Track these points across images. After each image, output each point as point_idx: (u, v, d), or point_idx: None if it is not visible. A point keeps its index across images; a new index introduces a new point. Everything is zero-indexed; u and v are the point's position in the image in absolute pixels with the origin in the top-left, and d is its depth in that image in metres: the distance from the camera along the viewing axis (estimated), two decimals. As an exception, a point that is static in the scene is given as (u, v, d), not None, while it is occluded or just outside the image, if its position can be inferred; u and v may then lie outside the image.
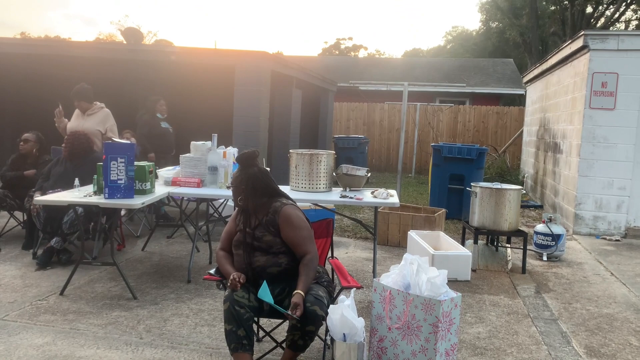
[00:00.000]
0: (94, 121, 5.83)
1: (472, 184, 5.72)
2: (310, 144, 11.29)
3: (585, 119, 7.28)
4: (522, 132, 13.54)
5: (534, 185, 10.99)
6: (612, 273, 5.52)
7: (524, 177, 12.10)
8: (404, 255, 2.88)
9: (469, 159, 7.72)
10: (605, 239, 7.14)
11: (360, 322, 2.65)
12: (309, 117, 11.76)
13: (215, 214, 6.43)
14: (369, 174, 5.00)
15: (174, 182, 4.88)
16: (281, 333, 3.50)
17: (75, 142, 5.26)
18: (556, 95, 9.31)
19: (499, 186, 5.57)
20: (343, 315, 2.59)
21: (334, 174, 4.92)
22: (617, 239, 7.14)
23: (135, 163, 4.31)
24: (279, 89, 9.30)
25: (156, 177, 4.96)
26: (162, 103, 7.37)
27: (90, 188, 4.54)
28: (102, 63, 8.73)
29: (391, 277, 2.88)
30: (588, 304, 4.56)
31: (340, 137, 12.31)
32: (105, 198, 4.16)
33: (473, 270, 5.25)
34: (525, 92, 13.47)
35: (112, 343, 3.44)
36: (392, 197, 4.63)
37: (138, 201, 4.19)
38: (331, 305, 2.68)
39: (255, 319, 3.11)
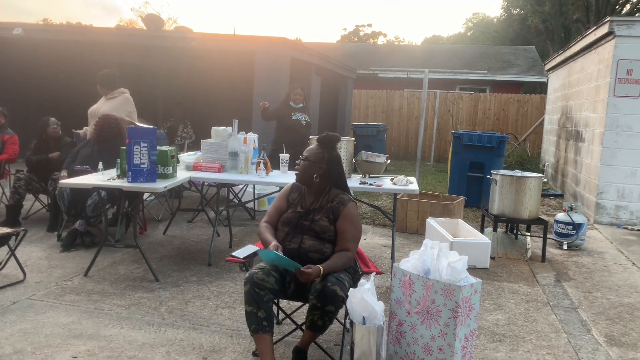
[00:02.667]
0: (111, 106, 5.85)
1: (492, 171, 5.69)
2: (329, 132, 11.30)
3: (609, 107, 7.16)
4: (543, 120, 13.37)
5: (554, 174, 10.87)
6: (633, 263, 5.46)
7: (544, 165, 11.96)
8: (424, 241, 2.89)
9: (489, 146, 7.65)
10: (627, 228, 7.05)
11: (380, 306, 2.67)
12: (328, 105, 11.75)
13: (235, 199, 6.49)
14: (389, 161, 5.00)
15: (195, 167, 4.94)
16: (301, 316, 3.55)
17: (104, 125, 5.33)
18: (579, 83, 9.16)
19: (519, 174, 5.53)
20: (363, 298, 2.62)
21: (353, 160, 4.93)
22: (639, 229, 7.04)
23: (158, 147, 4.37)
24: (298, 76, 9.30)
25: (178, 161, 5.02)
26: (297, 92, 6.80)
27: (114, 172, 4.61)
28: (123, 49, 8.82)
29: (411, 262, 2.90)
30: (609, 293, 4.53)
31: (359, 124, 12.27)
32: (128, 182, 4.23)
33: (492, 258, 5.23)
34: (547, 79, 13.27)
35: (135, 323, 3.52)
36: (411, 184, 4.63)
37: (160, 185, 4.25)
38: (351, 289, 2.71)
39: (276, 301, 3.17)
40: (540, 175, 5.59)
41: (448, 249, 2.83)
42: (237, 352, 3.17)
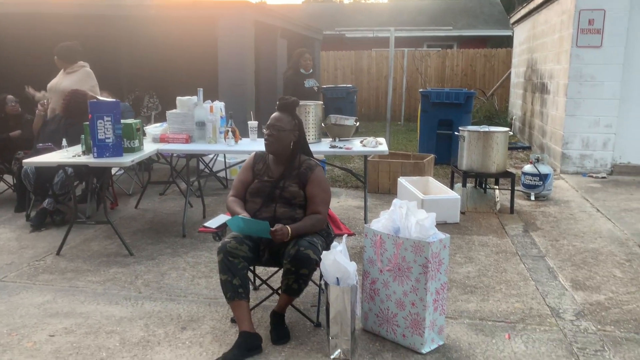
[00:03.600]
0: (72, 80, 5.65)
1: (460, 127, 5.75)
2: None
3: (573, 58, 7.25)
4: (509, 74, 13.48)
5: (521, 126, 11.05)
6: (598, 209, 5.64)
7: (512, 119, 12.14)
8: (393, 201, 2.93)
9: (457, 103, 7.72)
10: (591, 176, 7.25)
11: (352, 266, 2.72)
12: (295, 68, 11.60)
13: (206, 170, 6.45)
14: (358, 123, 5.01)
15: (162, 139, 4.87)
16: (277, 281, 3.60)
17: (73, 99, 5.18)
18: (543, 35, 9.23)
19: (486, 129, 5.61)
20: (335, 260, 2.66)
21: (322, 124, 4.92)
22: (603, 176, 7.25)
23: (122, 121, 4.28)
24: (264, 40, 9.14)
25: (144, 134, 4.95)
26: (306, 57, 6.54)
27: (79, 148, 4.52)
28: (81, 20, 8.51)
29: (381, 222, 2.94)
30: (574, 240, 4.69)
31: (328, 87, 12.20)
32: (94, 157, 4.16)
33: (462, 213, 5.35)
34: (513, 33, 13.32)
35: (111, 298, 3.52)
36: (381, 145, 4.66)
37: (127, 159, 4.19)
38: (324, 252, 2.75)
39: (251, 268, 3.20)
40: (507, 129, 5.68)
41: (416, 208, 2.88)
42: (215, 320, 3.21)
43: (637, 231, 4.89)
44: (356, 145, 4.66)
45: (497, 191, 5.90)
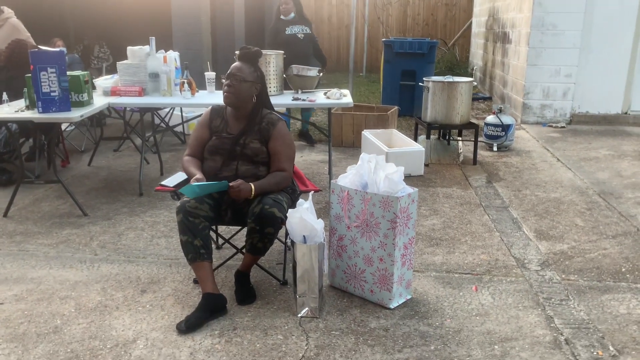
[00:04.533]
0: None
1: (424, 78, 5.64)
2: (258, 43, 10.81)
3: (535, 6, 7.16)
4: (471, 23, 13.37)
5: (483, 77, 11.04)
6: (558, 159, 5.71)
7: (473, 69, 12.11)
8: (361, 155, 2.82)
9: (420, 53, 7.58)
10: (551, 126, 7.32)
11: (319, 224, 2.63)
12: (253, 16, 11.16)
13: (162, 124, 6.18)
14: (321, 74, 4.83)
15: (113, 92, 4.58)
16: (241, 239, 3.49)
17: (16, 49, 4.79)
18: (506, -17, 9.09)
19: (450, 79, 5.52)
20: (302, 218, 2.56)
21: (284, 75, 4.72)
22: (563, 125, 7.34)
23: (69, 73, 3.98)
24: (219, -14, 8.70)
25: (94, 87, 4.64)
26: (282, 1, 5.88)
27: (23, 102, 4.20)
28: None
29: (348, 178, 2.84)
30: (537, 190, 4.73)
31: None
32: (39, 112, 3.87)
33: (426, 165, 5.31)
34: (474, -19, 13.12)
35: (65, 262, 3.34)
36: (345, 97, 4.51)
37: (76, 114, 3.92)
38: (290, 209, 2.64)
39: (213, 227, 3.07)
40: (471, 79, 5.60)
41: (384, 162, 2.79)
42: (177, 282, 3.09)
43: (596, 180, 4.97)
44: (320, 97, 4.50)
45: (460, 142, 5.88)
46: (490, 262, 3.34)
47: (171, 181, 3.03)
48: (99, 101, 4.35)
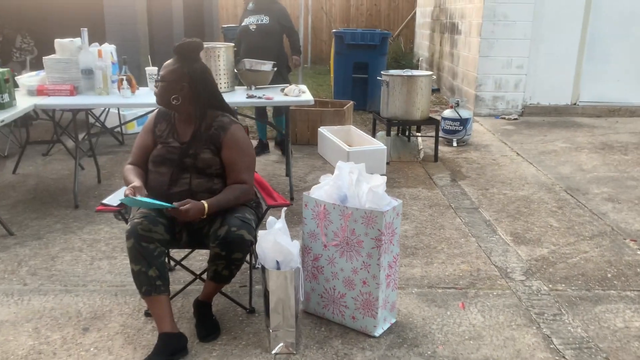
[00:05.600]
0: None
1: (382, 72, 5.36)
2: (197, 37, 10.22)
3: (487, -3, 7.04)
4: (415, 13, 13.27)
5: (429, 68, 10.92)
6: (518, 153, 5.59)
7: (418, 60, 12.00)
8: (338, 164, 2.48)
9: (373, 45, 7.30)
10: (504, 118, 7.26)
11: (295, 247, 2.28)
12: (191, 6, 10.55)
13: (97, 124, 5.59)
14: (275, 69, 4.44)
15: (40, 92, 4.01)
16: (196, 259, 3.10)
17: None
18: (453, -27, 8.96)
19: (409, 73, 5.27)
20: (276, 241, 2.20)
21: (235, 70, 4.31)
22: (515, 117, 7.29)
23: (-16, 70, 3.41)
24: (155, -27, 8.07)
25: (16, 86, 4.06)
26: None
27: None
28: None
29: (324, 190, 2.50)
30: (503, 187, 4.56)
31: (229, 26, 11.24)
32: (-50, 118, 3.29)
33: (387, 163, 5.04)
34: (417, -29, 13.01)
35: (-12, 296, 2.83)
36: (304, 93, 4.15)
37: (-5, 119, 3.36)
38: (260, 232, 2.27)
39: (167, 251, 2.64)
40: (430, 73, 5.39)
41: (365, 171, 2.46)
42: (125, 315, 2.65)
43: (559, 175, 4.87)
44: (277, 94, 4.12)
45: (419, 139, 5.66)
46: (472, 273, 3.10)
47: (114, 199, 2.58)
48: (23, 102, 3.78)
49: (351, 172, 2.37)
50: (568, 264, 3.21)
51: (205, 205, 2.29)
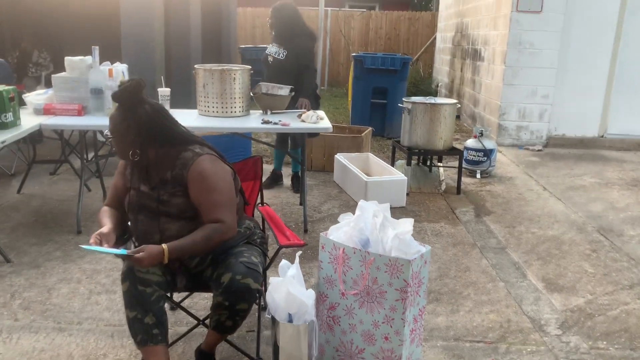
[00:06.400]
0: None
1: (404, 99, 5.14)
2: (214, 57, 10.12)
3: (512, 23, 6.83)
4: (435, 38, 13.11)
5: (448, 94, 10.71)
6: (544, 187, 5.31)
7: (437, 86, 11.81)
8: (360, 204, 2.24)
9: (393, 69, 7.10)
10: (528, 149, 6.99)
11: (310, 297, 2.03)
12: (209, 26, 10.47)
13: (106, 143, 5.41)
14: (293, 93, 4.24)
15: (46, 111, 3.84)
16: (198, 300, 2.86)
17: None
18: (476, -2, 8.79)
19: (433, 101, 5.04)
20: (289, 292, 1.96)
21: (251, 94, 4.11)
22: (540, 148, 7.01)
23: (-12, 88, 3.25)
24: (174, -9, 7.98)
25: (22, 104, 3.90)
26: (269, 13, 4.75)
27: None
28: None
29: (343, 231, 2.25)
30: (531, 225, 4.28)
31: (247, 47, 11.18)
32: (-51, 137, 3.11)
33: (407, 194, 4.79)
34: (438, -4, 12.90)
35: (-26, 332, 2.60)
36: (322, 120, 3.93)
37: (-4, 139, 3.17)
38: (272, 280, 2.03)
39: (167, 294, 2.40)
40: (455, 101, 5.16)
41: (389, 212, 2.22)
42: (121, 360, 2.41)
43: (590, 213, 4.58)
44: (294, 120, 3.90)
45: (441, 169, 5.41)
46: (502, 324, 2.82)
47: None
48: (29, 122, 3.60)
49: (375, 215, 2.12)
50: (608, 317, 2.92)
51: (165, 249, 1.99)
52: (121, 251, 1.99)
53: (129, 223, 2.27)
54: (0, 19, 9.18)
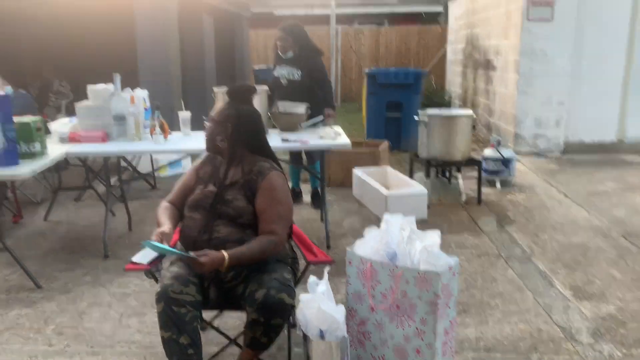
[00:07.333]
0: None
1: (419, 112, 5.17)
2: (228, 79, 10.26)
3: (524, 33, 6.85)
4: (445, 51, 13.15)
5: (462, 105, 10.71)
6: (565, 195, 5.27)
7: (450, 97, 11.82)
8: (385, 217, 2.26)
9: (407, 83, 7.15)
10: (546, 157, 6.96)
11: (341, 313, 2.05)
12: (223, 49, 10.64)
13: (129, 168, 5.51)
14: (310, 111, 4.30)
15: (71, 139, 3.93)
16: (230, 319, 2.88)
17: None
18: (486, 9, 8.83)
19: (448, 113, 5.07)
20: (320, 309, 1.98)
21: (268, 113, 4.17)
22: (557, 156, 6.98)
23: (16, 119, 3.34)
24: (188, 17, 8.15)
25: (48, 132, 4.00)
26: (278, 36, 4.70)
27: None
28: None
29: (369, 245, 2.28)
30: (555, 233, 4.25)
31: (260, 68, 11.33)
32: (-20, 168, 3.20)
33: (427, 207, 4.79)
34: (445, 8, 12.98)
35: (12, 358, 2.65)
36: (340, 136, 3.97)
37: (25, 169, 3.25)
38: (302, 297, 2.05)
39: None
40: (471, 112, 5.18)
41: (415, 225, 2.24)
42: (155, 382, 2.44)
43: (614, 219, 4.54)
44: (312, 137, 3.95)
45: (460, 180, 5.41)
46: (533, 334, 2.80)
47: (144, 256, 2.40)
48: (55, 150, 3.69)
49: (402, 228, 2.14)
50: (640, 324, 2.89)
51: (226, 256, 2.10)
52: (187, 253, 2.08)
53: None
54: (22, 50, 9.44)
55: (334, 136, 3.89)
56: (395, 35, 14.35)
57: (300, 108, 4.25)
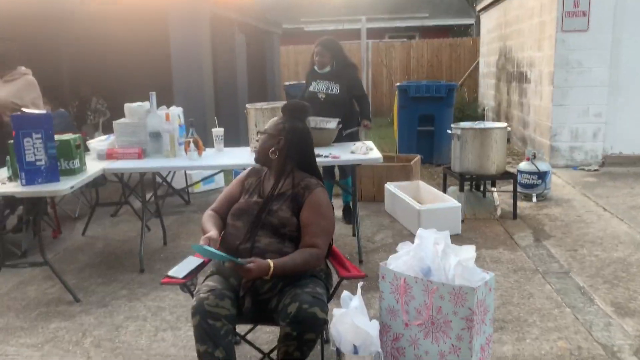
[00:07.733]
0: (10, 90, 4.60)
1: (452, 125, 5.12)
2: (260, 96, 10.39)
3: (558, 44, 6.75)
4: (478, 63, 13.05)
5: (496, 117, 10.59)
6: (604, 208, 5.13)
7: (484, 110, 11.69)
8: (418, 232, 2.25)
9: (439, 97, 7.11)
10: (583, 169, 6.79)
11: (374, 328, 2.03)
12: (255, 65, 10.80)
13: (164, 183, 5.62)
14: (340, 126, 4.31)
15: (109, 155, 4.04)
16: (263, 330, 2.88)
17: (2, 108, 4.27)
18: (519, 21, 8.74)
19: (482, 126, 5.01)
20: (353, 323, 1.97)
21: (300, 128, 4.19)
22: (596, 168, 6.80)
23: (57, 137, 3.45)
24: (220, 35, 8.31)
25: (86, 149, 4.11)
26: (316, 51, 4.69)
27: (5, 172, 3.64)
28: (14, 19, 7.48)
29: (403, 260, 2.26)
30: (594, 248, 4.13)
31: (291, 84, 11.41)
32: (23, 185, 3.31)
33: (462, 221, 4.72)
34: (476, 21, 12.92)
35: (51, 371, 2.72)
36: (371, 150, 3.97)
37: (66, 185, 3.35)
38: (335, 311, 2.05)
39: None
40: (505, 124, 5.10)
41: (449, 240, 2.21)
42: (189, 396, 2.46)
43: (657, 233, 4.39)
44: (344, 152, 3.95)
45: (495, 194, 5.32)
46: (573, 352, 2.71)
47: (180, 270, 2.43)
48: (93, 167, 3.80)
49: (436, 243, 2.12)
50: (687, 343, 2.77)
51: (272, 265, 2.14)
52: (237, 259, 2.12)
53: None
54: (60, 70, 9.78)
55: (365, 151, 3.88)
56: (426, 49, 14.32)
57: (332, 123, 4.27)
